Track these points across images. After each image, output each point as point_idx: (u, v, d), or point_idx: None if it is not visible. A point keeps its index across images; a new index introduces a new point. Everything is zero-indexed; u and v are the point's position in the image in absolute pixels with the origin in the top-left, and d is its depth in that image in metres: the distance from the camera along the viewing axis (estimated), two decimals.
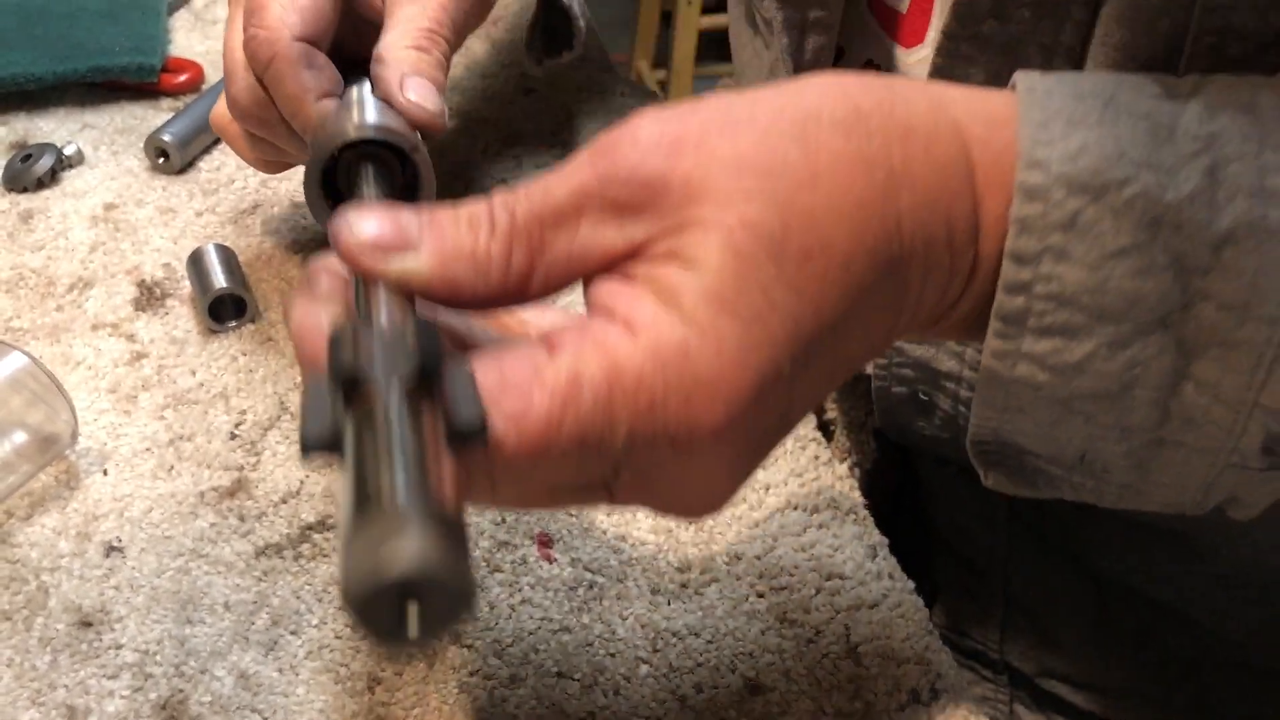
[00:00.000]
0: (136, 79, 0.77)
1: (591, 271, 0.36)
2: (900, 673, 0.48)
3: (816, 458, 0.57)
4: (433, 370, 0.32)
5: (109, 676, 0.47)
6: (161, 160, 0.72)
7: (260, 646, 0.48)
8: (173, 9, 0.86)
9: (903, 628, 0.49)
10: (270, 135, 0.58)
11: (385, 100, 0.54)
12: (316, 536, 0.52)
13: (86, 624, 0.49)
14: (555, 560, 0.51)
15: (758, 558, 0.52)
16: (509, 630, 0.49)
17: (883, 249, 0.35)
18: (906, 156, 0.36)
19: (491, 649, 0.48)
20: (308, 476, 0.54)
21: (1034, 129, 0.36)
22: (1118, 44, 0.43)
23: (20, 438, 0.53)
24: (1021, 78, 0.38)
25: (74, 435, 0.54)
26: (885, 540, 0.54)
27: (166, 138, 0.71)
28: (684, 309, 0.33)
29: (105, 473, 0.55)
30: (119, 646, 0.48)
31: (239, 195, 0.70)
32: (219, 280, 0.61)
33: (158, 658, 0.47)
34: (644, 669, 0.48)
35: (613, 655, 0.48)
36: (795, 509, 0.54)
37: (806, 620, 0.49)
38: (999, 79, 0.45)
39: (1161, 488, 0.42)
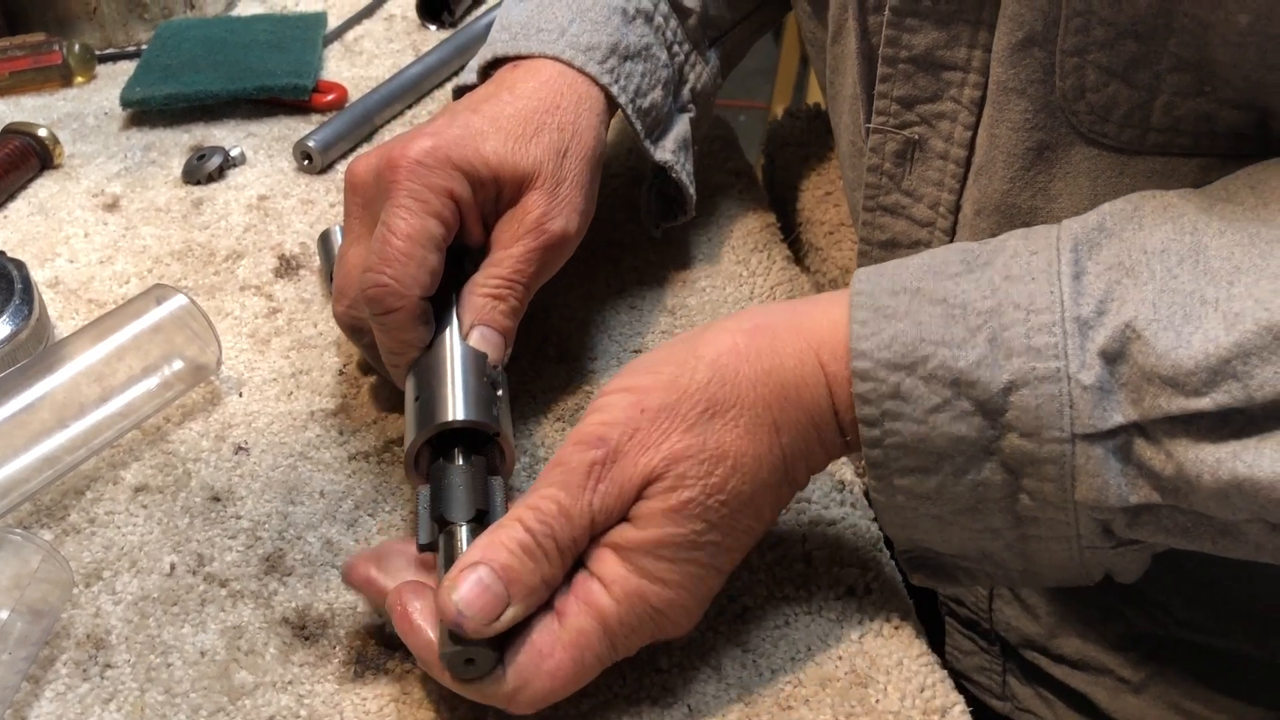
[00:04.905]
0: (292, 97, 0.94)
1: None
2: (842, 574, 0.59)
3: None
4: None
5: (229, 536, 0.61)
6: (306, 162, 0.88)
7: (344, 523, 0.62)
8: (328, 41, 1.03)
9: (852, 542, 0.61)
10: (357, 343, 0.66)
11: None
12: (395, 448, 0.66)
13: (216, 499, 0.63)
14: None
15: None
16: None
17: (774, 476, 0.52)
18: (783, 409, 0.52)
19: None
20: (394, 407, 0.69)
21: (858, 327, 0.50)
22: (1011, 15, 0.55)
23: (178, 364, 0.69)
24: (855, 280, 0.52)
25: (219, 365, 0.70)
26: (856, 481, 0.65)
27: (311, 144, 0.87)
28: (635, 563, 0.51)
29: (240, 394, 0.70)
30: (239, 517, 0.62)
31: None
32: None
33: (266, 526, 0.62)
34: None
35: None
36: None
37: (772, 530, 0.61)
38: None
39: (1048, 570, 0.54)
